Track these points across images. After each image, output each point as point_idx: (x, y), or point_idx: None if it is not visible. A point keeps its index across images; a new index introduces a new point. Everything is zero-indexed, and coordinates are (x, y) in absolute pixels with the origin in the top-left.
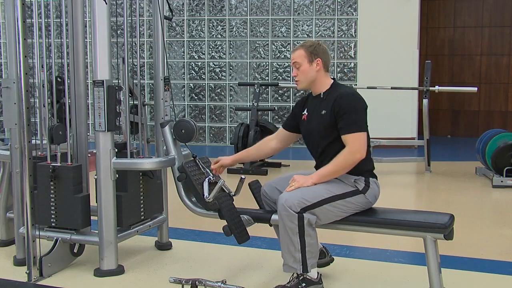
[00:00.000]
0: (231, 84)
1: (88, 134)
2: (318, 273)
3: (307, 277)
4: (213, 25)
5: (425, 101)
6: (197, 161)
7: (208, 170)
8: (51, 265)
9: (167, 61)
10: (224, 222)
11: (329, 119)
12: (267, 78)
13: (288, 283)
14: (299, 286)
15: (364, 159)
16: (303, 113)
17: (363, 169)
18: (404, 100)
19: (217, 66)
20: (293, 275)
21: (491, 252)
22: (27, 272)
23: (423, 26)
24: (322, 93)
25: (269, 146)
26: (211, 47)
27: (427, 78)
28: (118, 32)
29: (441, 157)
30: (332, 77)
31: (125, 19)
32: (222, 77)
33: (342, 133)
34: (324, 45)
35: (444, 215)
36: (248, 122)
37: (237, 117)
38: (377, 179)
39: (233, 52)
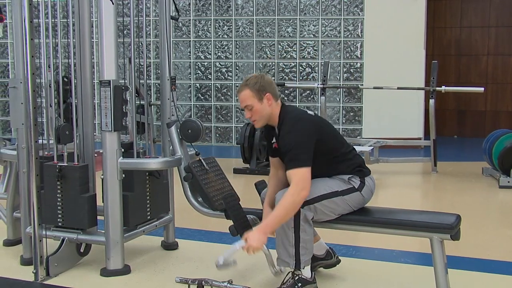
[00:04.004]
0: (237, 84)
1: (95, 134)
2: (312, 272)
3: (303, 277)
4: (219, 25)
5: (431, 101)
6: (201, 159)
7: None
8: (57, 264)
9: (171, 61)
10: (230, 222)
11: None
12: (273, 78)
13: (283, 283)
14: (296, 286)
15: (343, 159)
16: (272, 142)
17: (349, 169)
18: (410, 100)
19: (223, 66)
20: (287, 274)
21: (498, 253)
22: (34, 271)
23: (430, 26)
24: (276, 128)
25: (279, 178)
26: (217, 47)
27: (433, 78)
28: (125, 32)
29: (447, 157)
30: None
31: (131, 19)
32: (228, 77)
33: (286, 168)
34: (266, 76)
35: (450, 216)
36: None
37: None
38: (370, 173)
39: (239, 52)
